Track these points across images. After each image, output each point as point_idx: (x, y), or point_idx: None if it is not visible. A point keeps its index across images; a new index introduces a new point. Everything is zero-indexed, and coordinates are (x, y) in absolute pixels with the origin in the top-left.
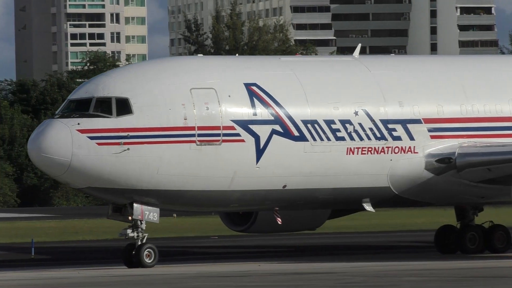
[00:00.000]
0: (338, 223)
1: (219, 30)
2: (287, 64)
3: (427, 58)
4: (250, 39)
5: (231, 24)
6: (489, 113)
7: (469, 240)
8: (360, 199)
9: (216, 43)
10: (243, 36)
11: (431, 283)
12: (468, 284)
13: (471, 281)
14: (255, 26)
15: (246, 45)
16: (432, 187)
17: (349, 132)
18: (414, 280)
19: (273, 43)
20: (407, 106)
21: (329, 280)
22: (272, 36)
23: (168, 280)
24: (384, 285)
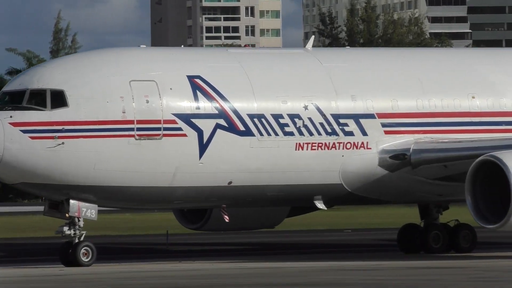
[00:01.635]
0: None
1: (353, 23)
2: (234, 56)
3: (384, 51)
4: (385, 32)
5: (366, 17)
6: (447, 108)
7: (433, 239)
8: (312, 196)
9: (350, 36)
10: (377, 29)
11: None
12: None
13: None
14: (389, 19)
15: (380, 38)
16: (386, 184)
17: (298, 127)
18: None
19: (407, 36)
20: (360, 100)
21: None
22: (407, 29)
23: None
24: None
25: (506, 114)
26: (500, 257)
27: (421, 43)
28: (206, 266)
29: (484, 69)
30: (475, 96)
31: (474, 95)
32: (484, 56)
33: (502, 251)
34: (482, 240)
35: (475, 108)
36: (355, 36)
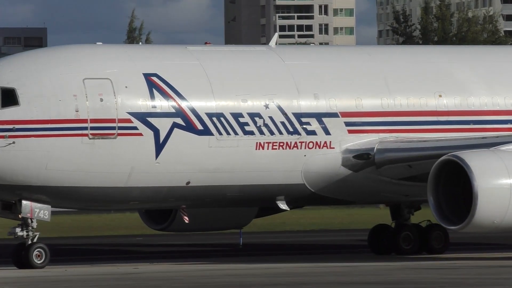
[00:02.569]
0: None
1: (427, 21)
2: (193, 54)
3: (348, 48)
4: (459, 30)
5: (440, 15)
6: (413, 107)
7: (404, 240)
8: (274, 196)
9: (425, 35)
10: (452, 27)
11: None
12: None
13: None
14: (464, 17)
15: (454, 36)
16: (350, 185)
17: (258, 126)
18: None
19: (482, 35)
20: (323, 99)
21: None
22: (481, 27)
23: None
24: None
25: (474, 113)
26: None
27: (495, 41)
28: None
29: (451, 67)
30: (442, 95)
31: (441, 94)
32: (452, 54)
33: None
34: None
35: (442, 107)
36: (429, 34)
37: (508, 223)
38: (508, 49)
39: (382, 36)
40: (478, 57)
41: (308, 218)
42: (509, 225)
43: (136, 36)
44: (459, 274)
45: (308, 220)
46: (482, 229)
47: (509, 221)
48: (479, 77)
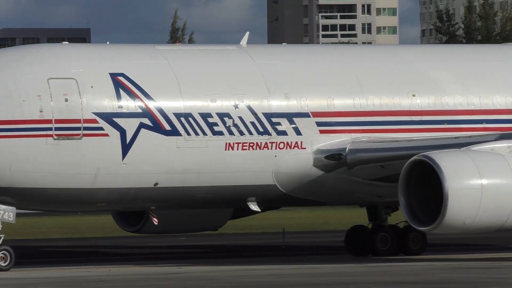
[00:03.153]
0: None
1: (471, 21)
2: (161, 53)
3: (320, 48)
4: (503, 29)
5: (484, 14)
6: (385, 106)
7: (380, 241)
8: (244, 197)
9: (468, 34)
10: (495, 26)
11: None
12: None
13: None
14: (508, 16)
15: (498, 35)
16: (322, 185)
17: (228, 126)
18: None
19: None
20: (294, 98)
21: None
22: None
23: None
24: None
25: (448, 113)
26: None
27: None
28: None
29: (425, 67)
30: (416, 94)
31: (415, 93)
32: (426, 53)
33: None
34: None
35: (416, 106)
36: (472, 33)
37: (479, 224)
38: (483, 48)
39: (425, 36)
40: (453, 56)
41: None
42: (480, 226)
43: (179, 36)
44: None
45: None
46: (453, 230)
47: (480, 222)
48: (453, 76)
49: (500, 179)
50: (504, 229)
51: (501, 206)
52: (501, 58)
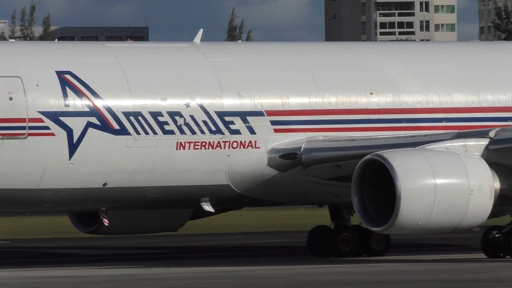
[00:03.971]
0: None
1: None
2: (110, 51)
3: (275, 45)
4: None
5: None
6: (342, 105)
7: (342, 242)
8: (198, 198)
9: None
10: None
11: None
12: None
13: None
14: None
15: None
16: (277, 185)
17: (179, 125)
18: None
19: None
20: (248, 97)
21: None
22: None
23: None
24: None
25: (406, 111)
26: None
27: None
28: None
29: (384, 65)
30: (374, 93)
31: (372, 92)
32: (385, 51)
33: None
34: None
35: (373, 105)
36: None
37: (433, 224)
38: (442, 45)
39: (483, 33)
40: (411, 54)
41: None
42: (434, 226)
43: (236, 34)
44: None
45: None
46: (407, 231)
47: (434, 222)
48: (412, 74)
49: (454, 178)
50: (460, 230)
51: (455, 207)
52: (462, 55)
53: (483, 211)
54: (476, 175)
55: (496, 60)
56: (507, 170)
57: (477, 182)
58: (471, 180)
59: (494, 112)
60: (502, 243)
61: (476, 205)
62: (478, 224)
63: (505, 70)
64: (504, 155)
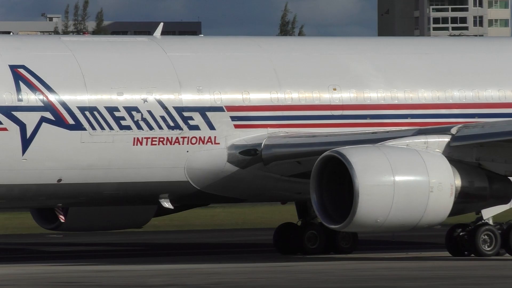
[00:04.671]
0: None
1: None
2: (67, 45)
3: (237, 39)
4: None
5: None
6: (304, 100)
7: (309, 240)
8: (156, 194)
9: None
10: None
11: None
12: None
13: None
14: None
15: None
16: (237, 182)
17: (136, 120)
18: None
19: None
20: (207, 92)
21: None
22: None
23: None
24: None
25: (370, 107)
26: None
27: None
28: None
29: (348, 60)
30: (337, 88)
31: (336, 87)
32: (349, 46)
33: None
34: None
35: (337, 100)
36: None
37: (392, 222)
38: (407, 40)
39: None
40: (376, 49)
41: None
42: (393, 224)
43: (289, 29)
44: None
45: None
46: (365, 228)
47: (393, 220)
48: (377, 70)
49: (414, 175)
50: (419, 228)
51: (414, 204)
52: (428, 51)
53: (444, 209)
54: (436, 172)
55: (463, 56)
56: (469, 167)
57: (437, 179)
58: (431, 177)
59: (460, 108)
60: (467, 241)
61: (436, 202)
62: (438, 222)
63: (472, 66)
64: (466, 152)
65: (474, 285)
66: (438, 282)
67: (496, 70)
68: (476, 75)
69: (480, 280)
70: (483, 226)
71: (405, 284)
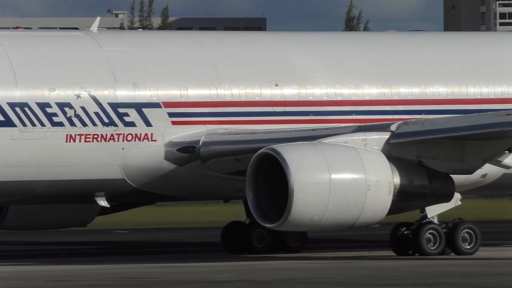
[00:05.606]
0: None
1: None
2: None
3: (176, 34)
4: None
5: None
6: (245, 97)
7: (256, 238)
8: (92, 192)
9: None
10: None
11: None
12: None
13: None
14: None
15: None
16: (176, 180)
17: (69, 116)
18: None
19: None
20: (143, 88)
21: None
22: None
23: None
24: None
25: (313, 104)
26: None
27: None
28: None
29: (290, 55)
30: (279, 84)
31: (278, 83)
32: (292, 41)
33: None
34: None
35: (278, 97)
36: None
37: (329, 220)
38: (354, 35)
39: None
40: (320, 44)
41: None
42: (330, 223)
43: (354, 25)
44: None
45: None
46: (301, 227)
47: (329, 218)
48: (320, 66)
49: (350, 173)
50: (357, 227)
51: (351, 202)
52: (374, 46)
53: (382, 208)
54: (374, 170)
55: (411, 51)
56: (409, 165)
57: (375, 177)
58: (369, 175)
59: (406, 105)
60: (411, 240)
61: (373, 201)
62: (377, 221)
63: (420, 62)
64: (406, 149)
65: None
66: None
67: (443, 66)
68: (423, 71)
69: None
70: (427, 225)
71: (476, 280)
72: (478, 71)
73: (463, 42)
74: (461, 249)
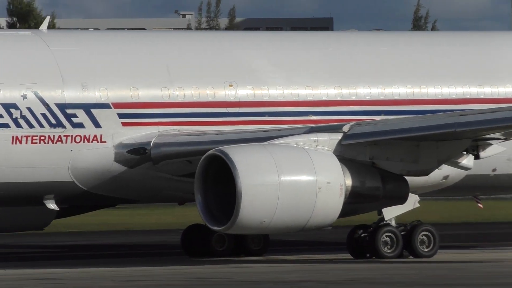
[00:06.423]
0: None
1: None
2: None
3: (126, 34)
4: None
5: None
6: (198, 97)
7: (216, 241)
8: (40, 195)
9: None
10: None
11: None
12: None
13: None
14: None
15: None
16: (126, 182)
17: (14, 118)
18: None
19: None
20: (92, 88)
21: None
22: None
23: None
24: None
25: (269, 104)
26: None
27: None
28: None
29: (245, 55)
30: (233, 85)
31: (232, 84)
32: (247, 41)
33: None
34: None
35: (232, 97)
36: None
37: (278, 223)
38: (311, 35)
39: None
40: (276, 44)
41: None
42: (279, 225)
43: (421, 24)
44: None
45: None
46: (250, 230)
47: (279, 221)
48: (276, 66)
49: (300, 175)
50: (308, 229)
51: (301, 205)
52: (332, 46)
53: (333, 210)
54: (324, 172)
55: (370, 51)
56: (361, 167)
57: (326, 179)
58: (319, 177)
59: (365, 105)
60: (368, 242)
61: (324, 203)
62: (328, 223)
63: (378, 61)
64: (359, 151)
65: None
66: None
67: (404, 66)
68: (383, 72)
69: None
70: (384, 227)
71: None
72: (439, 71)
73: (425, 41)
74: (419, 252)
